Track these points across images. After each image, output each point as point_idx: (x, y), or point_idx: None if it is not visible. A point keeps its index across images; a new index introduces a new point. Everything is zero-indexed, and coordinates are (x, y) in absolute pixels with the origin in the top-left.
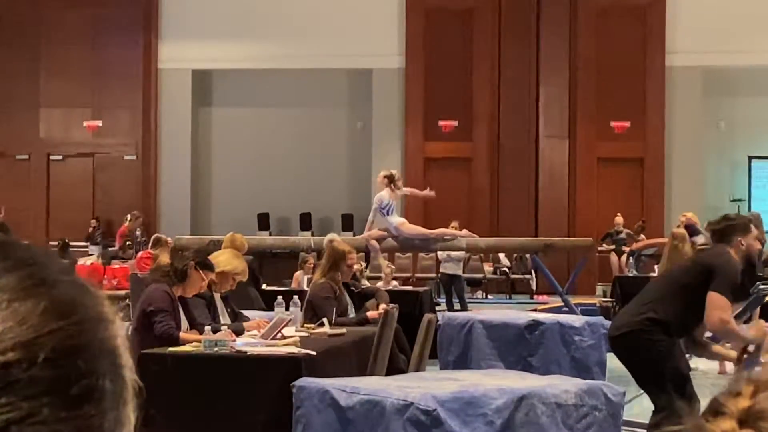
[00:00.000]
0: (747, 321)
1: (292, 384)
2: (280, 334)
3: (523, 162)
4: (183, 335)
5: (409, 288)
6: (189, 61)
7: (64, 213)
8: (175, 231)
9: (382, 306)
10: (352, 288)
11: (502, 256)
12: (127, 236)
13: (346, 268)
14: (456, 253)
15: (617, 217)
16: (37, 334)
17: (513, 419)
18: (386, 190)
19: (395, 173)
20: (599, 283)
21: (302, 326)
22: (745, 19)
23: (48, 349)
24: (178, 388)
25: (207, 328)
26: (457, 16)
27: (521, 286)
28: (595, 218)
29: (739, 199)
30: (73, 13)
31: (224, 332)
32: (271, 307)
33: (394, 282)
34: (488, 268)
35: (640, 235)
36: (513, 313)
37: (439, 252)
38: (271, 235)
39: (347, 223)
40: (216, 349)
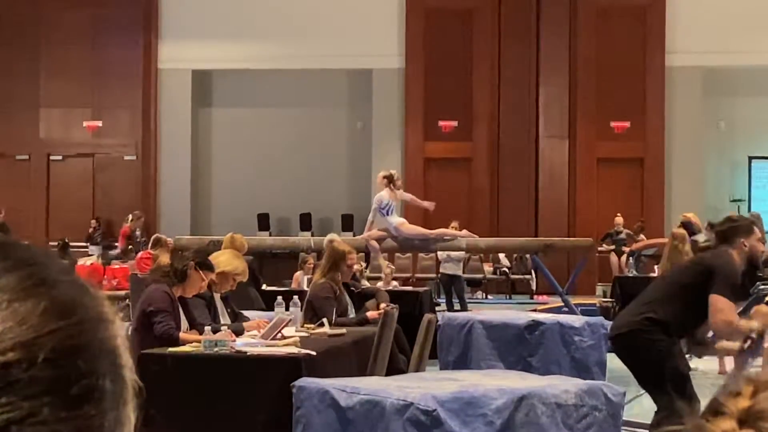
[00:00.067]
0: None
1: (292, 384)
2: (280, 335)
3: (523, 162)
4: (183, 335)
5: (409, 288)
6: (189, 62)
7: (64, 213)
8: (175, 231)
9: (382, 305)
10: (352, 288)
11: (502, 256)
12: (130, 237)
13: (346, 269)
14: (456, 253)
15: (617, 218)
16: (37, 334)
17: (513, 419)
18: (386, 190)
19: (394, 173)
20: (599, 284)
21: (302, 326)
22: (745, 19)
23: (48, 349)
24: (178, 388)
25: (207, 328)
26: (457, 16)
27: (521, 287)
28: (595, 218)
29: (739, 200)
30: (72, 13)
31: (224, 332)
32: (271, 308)
33: (394, 282)
34: (488, 268)
35: (639, 235)
36: (513, 313)
37: (439, 252)
38: (271, 235)
39: (347, 223)
40: (216, 349)
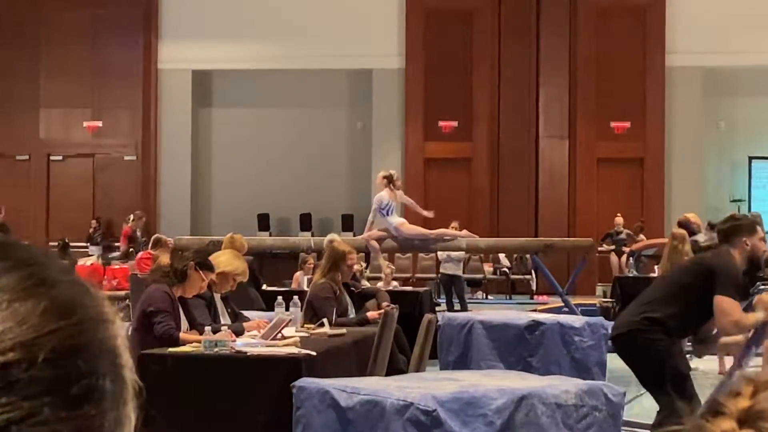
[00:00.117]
0: None
1: (292, 384)
2: (280, 335)
3: (523, 162)
4: (183, 336)
5: (409, 288)
6: (189, 62)
7: (64, 213)
8: (175, 231)
9: (384, 304)
10: (352, 288)
11: (502, 256)
12: (132, 237)
13: (347, 269)
14: (456, 253)
15: (617, 218)
16: (37, 335)
17: (513, 419)
18: (386, 190)
19: (394, 173)
20: (599, 284)
21: (302, 326)
22: (745, 19)
23: (48, 350)
24: (178, 388)
25: (207, 328)
26: (457, 16)
27: (521, 287)
28: (595, 218)
29: (739, 200)
30: (72, 13)
31: (224, 333)
32: (271, 308)
33: (394, 282)
34: (488, 268)
35: (639, 235)
36: (513, 313)
37: (439, 252)
38: (271, 235)
39: (347, 223)
40: (216, 349)
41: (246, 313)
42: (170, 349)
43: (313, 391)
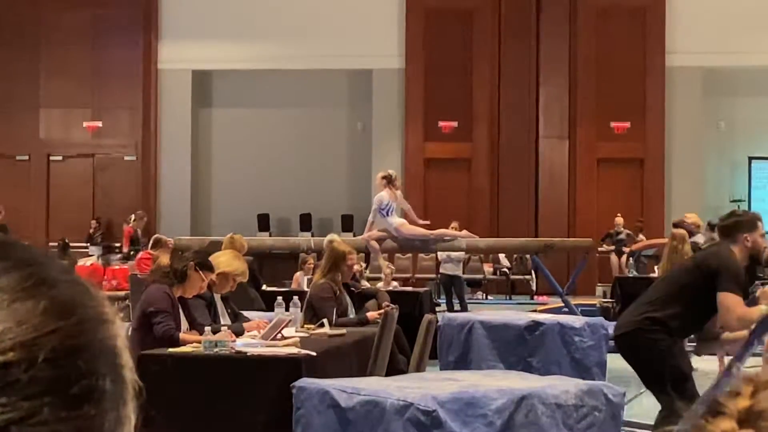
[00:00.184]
0: None
1: (292, 385)
2: (280, 335)
3: (523, 162)
4: (183, 336)
5: (409, 289)
6: (189, 62)
7: (64, 214)
8: (175, 232)
9: (384, 304)
10: (352, 289)
11: (502, 256)
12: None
13: (347, 269)
14: (456, 253)
15: (617, 218)
16: (37, 335)
17: (513, 420)
18: (386, 190)
19: (392, 173)
20: (599, 284)
21: (302, 327)
22: (745, 19)
23: (48, 350)
24: (178, 388)
25: (207, 328)
26: (457, 16)
27: (521, 287)
28: (595, 219)
29: (739, 200)
30: (72, 13)
31: (224, 333)
32: (271, 308)
33: (394, 282)
34: (488, 268)
35: (638, 235)
36: (513, 313)
37: (439, 253)
38: (271, 235)
39: (347, 223)
40: (216, 349)
41: (246, 313)
42: (170, 350)
43: (313, 391)
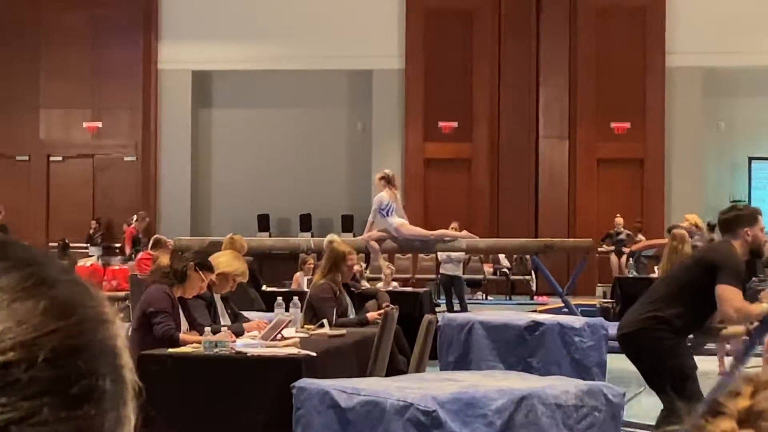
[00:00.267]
0: None
1: (292, 385)
2: (280, 335)
3: (523, 163)
4: (183, 336)
5: (409, 289)
6: (189, 62)
7: (64, 214)
8: (175, 232)
9: (384, 304)
10: (352, 289)
11: (502, 256)
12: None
13: (347, 269)
14: (456, 254)
15: (617, 218)
16: (37, 335)
17: (513, 420)
18: (386, 190)
19: (389, 173)
20: (599, 284)
21: (302, 327)
22: (744, 19)
23: (48, 350)
24: (178, 389)
25: (207, 329)
26: (457, 16)
27: (521, 287)
28: (595, 219)
29: (739, 200)
30: (72, 13)
31: (224, 333)
32: (271, 308)
33: (394, 283)
34: (488, 269)
35: (637, 235)
36: (513, 314)
37: (439, 253)
38: (271, 236)
39: (347, 224)
40: (216, 350)
41: (246, 313)
42: (170, 350)
43: (313, 391)
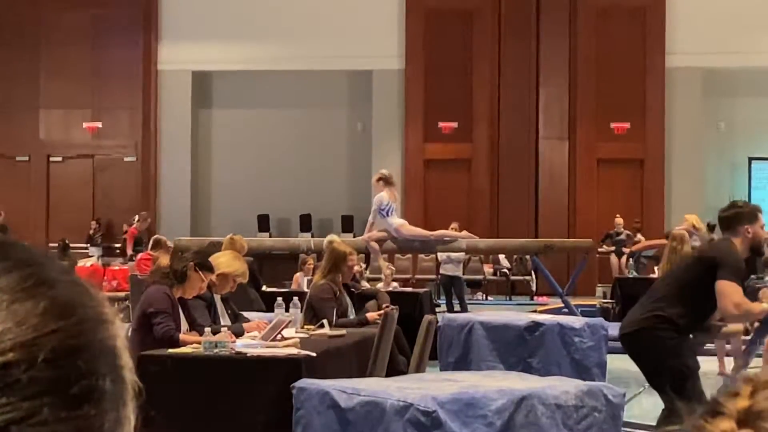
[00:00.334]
0: None
1: (292, 385)
2: (280, 336)
3: (522, 163)
4: (183, 336)
5: (409, 289)
6: (189, 63)
7: (64, 214)
8: (175, 232)
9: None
10: (352, 289)
11: (501, 257)
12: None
13: (347, 270)
14: (456, 254)
15: (617, 218)
16: (37, 335)
17: (513, 420)
18: (385, 191)
19: (386, 173)
20: (599, 285)
21: (302, 327)
22: (744, 20)
23: (48, 350)
24: (178, 389)
25: (207, 329)
26: (456, 17)
27: (521, 288)
28: (595, 219)
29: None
30: (72, 14)
31: (224, 334)
32: (271, 309)
33: (394, 283)
34: (488, 269)
35: (636, 236)
36: (513, 314)
37: (439, 253)
38: (270, 236)
39: (347, 224)
40: (216, 350)
41: (246, 314)
42: (170, 350)
43: (313, 392)
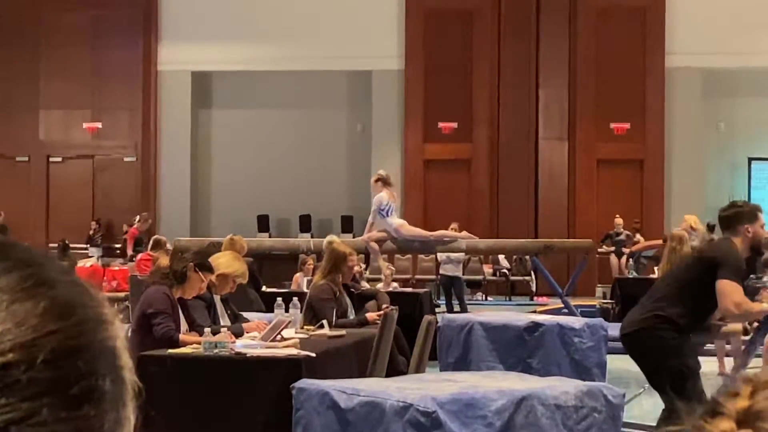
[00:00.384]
0: None
1: (291, 386)
2: (279, 336)
3: (522, 163)
4: (183, 337)
5: (409, 290)
6: (188, 63)
7: (63, 215)
8: (175, 233)
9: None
10: (352, 290)
11: (501, 257)
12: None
13: (347, 270)
14: (456, 254)
15: (617, 219)
16: (37, 335)
17: (513, 421)
18: (384, 191)
19: (383, 174)
20: (599, 285)
21: (302, 328)
22: (744, 20)
23: (47, 350)
24: (178, 389)
25: (207, 329)
26: (456, 17)
27: (521, 288)
28: (594, 220)
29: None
30: (72, 14)
31: (224, 334)
32: (270, 309)
33: (394, 284)
34: (488, 269)
35: (635, 236)
36: (513, 314)
37: (439, 254)
38: (270, 236)
39: (347, 224)
40: (216, 350)
41: (245, 314)
42: (170, 351)
43: (313, 392)
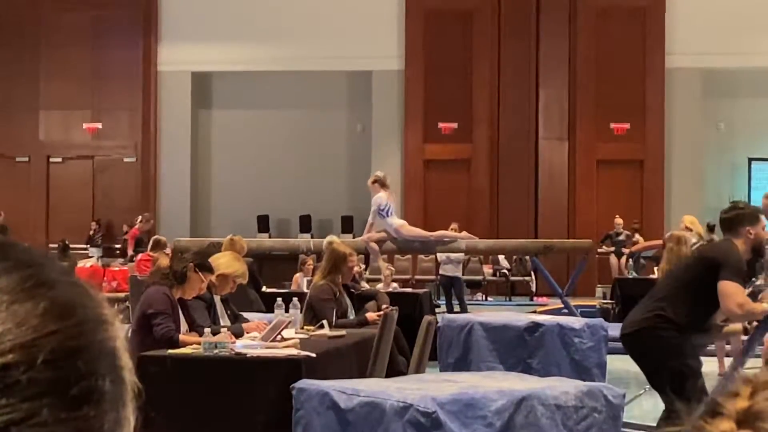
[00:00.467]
0: None
1: (291, 386)
2: (279, 336)
3: (522, 164)
4: (183, 337)
5: (409, 290)
6: (188, 64)
7: (63, 215)
8: (175, 233)
9: (384, 305)
10: (352, 290)
11: (501, 257)
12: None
13: (347, 270)
14: (455, 255)
15: (617, 219)
16: (37, 336)
17: (513, 421)
18: (383, 191)
19: (381, 175)
20: (599, 285)
21: (302, 328)
22: (744, 20)
23: (47, 351)
24: (178, 390)
25: (207, 330)
26: (456, 17)
27: (521, 288)
28: (594, 220)
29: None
30: (72, 15)
31: (224, 334)
32: (270, 309)
33: (394, 284)
34: (488, 269)
35: (634, 236)
36: (513, 315)
37: (439, 254)
38: (270, 237)
39: (347, 225)
40: (216, 351)
41: (245, 314)
42: (170, 351)
43: (313, 392)
